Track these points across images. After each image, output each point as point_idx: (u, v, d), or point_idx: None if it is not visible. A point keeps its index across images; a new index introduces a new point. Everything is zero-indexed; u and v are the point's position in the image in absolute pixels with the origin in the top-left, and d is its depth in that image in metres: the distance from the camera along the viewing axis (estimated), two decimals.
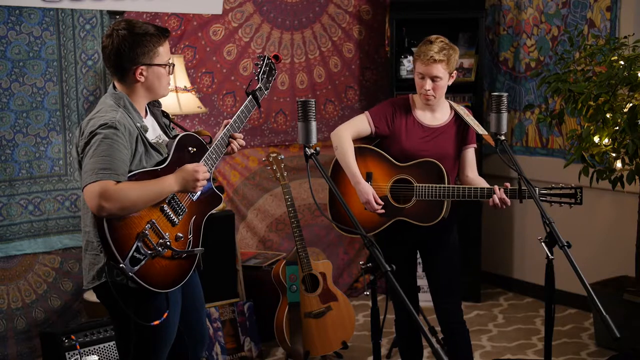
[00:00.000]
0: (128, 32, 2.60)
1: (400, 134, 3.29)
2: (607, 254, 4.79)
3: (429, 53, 3.17)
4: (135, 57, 2.61)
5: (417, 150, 3.26)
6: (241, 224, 4.95)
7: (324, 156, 5.22)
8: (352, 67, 5.33)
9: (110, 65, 2.66)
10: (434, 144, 3.27)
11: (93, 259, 2.60)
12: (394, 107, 3.34)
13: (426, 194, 3.20)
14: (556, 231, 2.61)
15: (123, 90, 2.67)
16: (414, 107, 3.34)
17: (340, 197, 2.49)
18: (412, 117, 3.31)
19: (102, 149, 2.47)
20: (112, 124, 2.50)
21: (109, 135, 2.49)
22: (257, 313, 4.35)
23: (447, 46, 3.21)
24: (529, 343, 4.49)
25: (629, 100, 3.83)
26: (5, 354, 4.04)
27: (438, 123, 3.31)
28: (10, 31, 4.00)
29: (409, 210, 3.26)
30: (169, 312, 2.65)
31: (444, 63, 3.18)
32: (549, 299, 2.69)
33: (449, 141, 3.29)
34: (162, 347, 2.73)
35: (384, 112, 3.33)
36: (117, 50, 2.59)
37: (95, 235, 2.53)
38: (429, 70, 3.18)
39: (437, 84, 3.21)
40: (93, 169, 2.46)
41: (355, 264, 5.38)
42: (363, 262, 2.37)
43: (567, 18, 4.89)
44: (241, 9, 4.84)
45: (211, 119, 4.76)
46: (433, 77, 3.19)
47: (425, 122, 3.30)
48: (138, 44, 2.61)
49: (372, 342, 2.45)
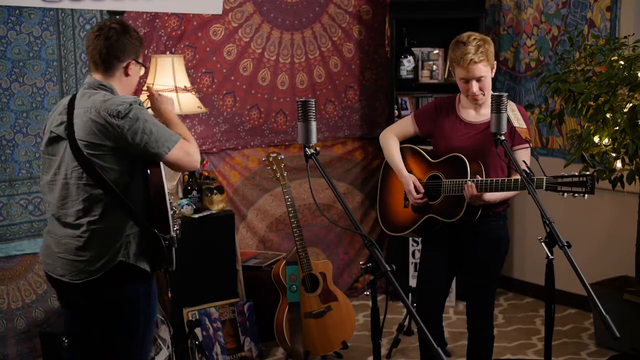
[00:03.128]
0: (123, 27, 2.71)
1: (443, 133, 3.27)
2: (607, 254, 4.79)
3: (467, 57, 3.07)
4: (130, 51, 2.71)
5: (459, 147, 3.20)
6: (241, 224, 4.95)
7: (324, 156, 5.25)
8: (352, 67, 5.33)
9: (101, 57, 2.69)
10: (475, 141, 3.20)
11: (104, 244, 2.61)
12: (438, 107, 3.32)
13: (449, 189, 3.18)
14: (556, 231, 2.61)
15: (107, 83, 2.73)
16: (459, 105, 3.29)
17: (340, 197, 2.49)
18: (456, 114, 3.27)
19: (154, 120, 2.65)
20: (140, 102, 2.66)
21: (144, 109, 2.65)
22: (257, 313, 4.35)
23: (482, 42, 3.11)
24: (529, 343, 4.49)
25: (629, 100, 3.83)
26: (5, 354, 4.04)
27: (481, 119, 3.23)
28: (10, 31, 4.00)
29: (437, 206, 3.24)
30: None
31: (485, 61, 3.10)
32: (549, 299, 2.69)
33: (491, 137, 3.12)
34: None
35: (428, 113, 3.34)
36: (116, 41, 2.67)
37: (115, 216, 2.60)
38: (472, 73, 3.10)
39: (483, 83, 3.14)
40: (162, 136, 2.63)
41: (355, 264, 5.38)
42: (363, 262, 2.36)
43: (567, 18, 4.89)
44: (241, 9, 4.84)
45: (211, 119, 4.76)
46: (479, 77, 3.12)
47: (469, 119, 3.25)
48: (134, 39, 2.73)
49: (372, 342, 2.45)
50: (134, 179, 2.64)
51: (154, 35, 4.46)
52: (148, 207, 2.64)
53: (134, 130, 2.58)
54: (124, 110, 2.58)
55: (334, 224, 3.15)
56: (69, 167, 2.64)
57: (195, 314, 4.12)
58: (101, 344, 2.75)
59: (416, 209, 3.32)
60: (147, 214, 2.64)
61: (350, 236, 5.39)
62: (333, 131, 5.28)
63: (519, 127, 3.08)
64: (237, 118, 4.88)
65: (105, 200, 2.61)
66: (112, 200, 2.60)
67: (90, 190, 2.61)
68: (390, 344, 4.39)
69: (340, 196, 2.52)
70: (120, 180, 2.62)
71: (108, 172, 2.60)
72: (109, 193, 2.60)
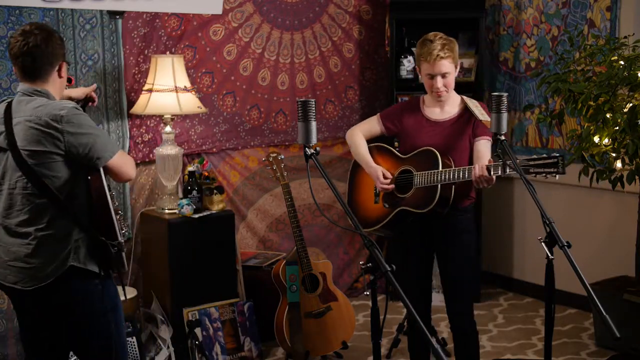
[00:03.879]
0: (46, 31, 2.68)
1: (409, 132, 3.38)
2: (607, 254, 4.79)
3: (433, 52, 3.21)
4: (59, 54, 2.71)
5: (426, 145, 3.29)
6: (241, 224, 4.95)
7: (324, 156, 5.25)
8: (352, 67, 5.33)
9: (35, 67, 2.66)
10: (441, 138, 3.30)
11: (53, 250, 2.60)
12: (403, 107, 3.47)
13: (421, 181, 3.27)
14: (556, 231, 2.61)
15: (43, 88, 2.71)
16: (423, 105, 3.40)
17: (340, 198, 2.50)
18: (421, 114, 3.38)
19: (96, 126, 2.68)
20: (78, 107, 2.67)
21: (84, 114, 2.66)
22: (257, 313, 4.35)
23: (447, 40, 3.26)
24: (529, 343, 4.49)
25: (629, 100, 3.83)
26: (5, 354, 4.04)
27: (446, 117, 3.34)
28: (10, 31, 3.99)
29: (408, 199, 3.33)
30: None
31: (450, 58, 3.23)
32: (549, 299, 2.69)
33: (457, 133, 3.31)
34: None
35: (393, 113, 3.47)
36: (46, 49, 2.65)
37: (62, 224, 2.59)
38: (438, 69, 3.22)
39: (447, 80, 3.26)
40: (108, 142, 2.67)
41: (355, 264, 5.38)
42: (363, 262, 2.36)
43: (567, 18, 4.89)
44: (241, 9, 4.84)
45: (211, 119, 4.76)
46: (443, 74, 3.23)
47: (434, 117, 3.36)
48: (59, 41, 2.72)
49: (372, 342, 2.45)
50: (77, 186, 2.63)
51: (154, 35, 4.46)
52: (92, 213, 2.64)
53: (78, 134, 2.58)
54: (66, 115, 2.58)
55: (334, 224, 3.16)
56: (13, 177, 2.62)
57: (195, 314, 4.12)
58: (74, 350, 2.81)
59: (387, 203, 3.40)
60: (91, 219, 2.65)
61: (350, 236, 5.39)
62: (333, 131, 5.28)
63: (484, 120, 3.21)
64: (237, 118, 4.88)
65: (51, 208, 2.60)
66: (58, 209, 2.60)
67: (35, 200, 2.60)
68: (390, 344, 4.39)
69: (340, 196, 2.52)
70: (64, 188, 2.60)
71: (52, 180, 2.58)
72: (54, 202, 2.59)
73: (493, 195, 5.37)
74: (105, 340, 2.73)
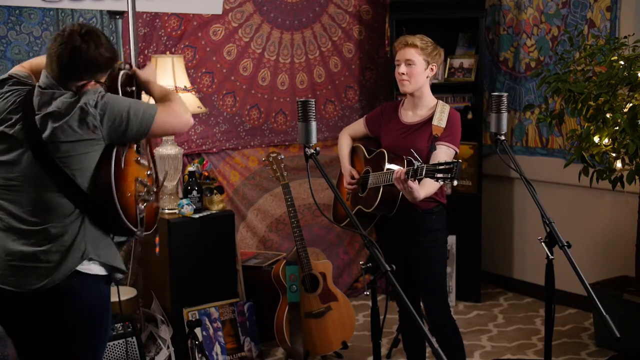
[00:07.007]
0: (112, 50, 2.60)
1: (382, 134, 3.50)
2: (607, 254, 4.79)
3: (403, 39, 3.33)
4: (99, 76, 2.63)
5: (391, 145, 3.40)
6: (241, 224, 4.95)
7: (324, 156, 5.24)
8: (352, 67, 5.33)
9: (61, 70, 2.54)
10: (406, 140, 3.36)
11: (61, 252, 2.49)
12: (383, 110, 3.56)
13: (371, 182, 3.38)
14: (556, 231, 2.61)
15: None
16: (401, 108, 3.49)
17: (340, 197, 2.50)
18: (397, 117, 3.47)
19: (124, 98, 2.57)
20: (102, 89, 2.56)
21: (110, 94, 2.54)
22: (257, 313, 4.35)
23: (426, 39, 3.35)
24: (529, 343, 4.49)
25: (629, 100, 3.83)
26: (5, 354, 4.04)
27: (416, 119, 3.41)
28: (10, 31, 4.00)
29: (363, 198, 3.46)
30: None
31: (418, 49, 3.30)
32: (549, 299, 2.69)
33: (420, 137, 3.35)
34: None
35: (375, 116, 3.59)
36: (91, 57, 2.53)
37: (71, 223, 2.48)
38: (403, 54, 3.32)
39: (411, 69, 3.31)
40: (142, 104, 2.53)
41: (355, 264, 5.38)
42: (363, 262, 2.37)
43: (567, 18, 4.89)
44: (241, 9, 4.84)
45: (211, 119, 4.76)
46: (407, 60, 3.31)
47: (406, 120, 3.44)
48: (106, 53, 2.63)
49: (372, 342, 2.45)
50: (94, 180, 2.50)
51: (154, 35, 4.46)
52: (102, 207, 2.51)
53: (112, 114, 2.46)
54: (97, 98, 2.47)
55: (334, 224, 3.17)
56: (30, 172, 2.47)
57: (195, 314, 4.12)
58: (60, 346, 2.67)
59: (352, 200, 3.55)
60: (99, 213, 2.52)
61: (350, 236, 5.39)
62: (333, 131, 5.28)
63: (435, 124, 3.29)
64: (237, 118, 4.88)
65: (64, 203, 2.49)
66: (73, 202, 2.49)
67: (50, 195, 2.47)
68: (390, 344, 4.39)
69: (340, 196, 2.52)
70: (84, 182, 2.48)
71: (75, 174, 2.46)
72: (71, 197, 2.48)
73: (493, 195, 5.37)
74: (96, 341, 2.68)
